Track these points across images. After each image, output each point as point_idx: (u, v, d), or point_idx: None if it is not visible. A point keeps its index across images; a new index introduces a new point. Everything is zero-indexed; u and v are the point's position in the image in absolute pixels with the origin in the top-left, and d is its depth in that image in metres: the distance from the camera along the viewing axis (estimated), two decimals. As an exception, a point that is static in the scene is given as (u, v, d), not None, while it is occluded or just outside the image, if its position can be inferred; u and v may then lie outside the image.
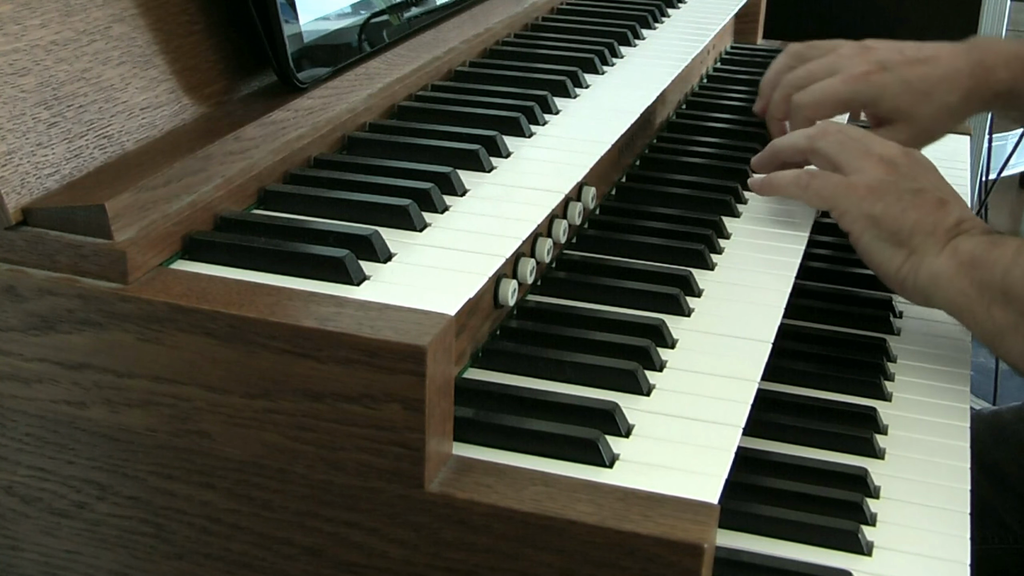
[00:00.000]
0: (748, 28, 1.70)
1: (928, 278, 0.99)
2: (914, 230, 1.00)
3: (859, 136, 1.07)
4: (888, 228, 1.00)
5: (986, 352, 2.71)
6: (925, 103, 1.19)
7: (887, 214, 1.00)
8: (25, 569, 0.81)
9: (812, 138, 1.09)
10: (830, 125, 1.11)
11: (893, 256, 1.01)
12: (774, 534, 0.83)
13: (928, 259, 0.99)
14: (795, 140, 1.11)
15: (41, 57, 0.78)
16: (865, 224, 1.01)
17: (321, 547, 0.73)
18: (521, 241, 0.84)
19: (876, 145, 1.06)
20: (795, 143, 1.11)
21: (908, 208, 1.00)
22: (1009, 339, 0.96)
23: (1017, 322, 0.95)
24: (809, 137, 1.09)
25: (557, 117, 1.08)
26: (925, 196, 1.01)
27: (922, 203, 1.01)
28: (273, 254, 0.77)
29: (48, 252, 0.73)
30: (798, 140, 1.11)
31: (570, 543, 0.67)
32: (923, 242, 0.99)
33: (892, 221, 1.00)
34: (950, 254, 0.98)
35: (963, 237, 0.99)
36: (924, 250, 0.99)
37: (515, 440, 0.74)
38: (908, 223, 1.00)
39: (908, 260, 1.00)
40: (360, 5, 1.04)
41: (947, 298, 0.99)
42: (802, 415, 0.97)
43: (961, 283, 0.97)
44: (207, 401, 0.72)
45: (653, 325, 0.88)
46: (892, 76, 1.19)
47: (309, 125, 0.94)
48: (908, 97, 1.19)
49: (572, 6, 1.48)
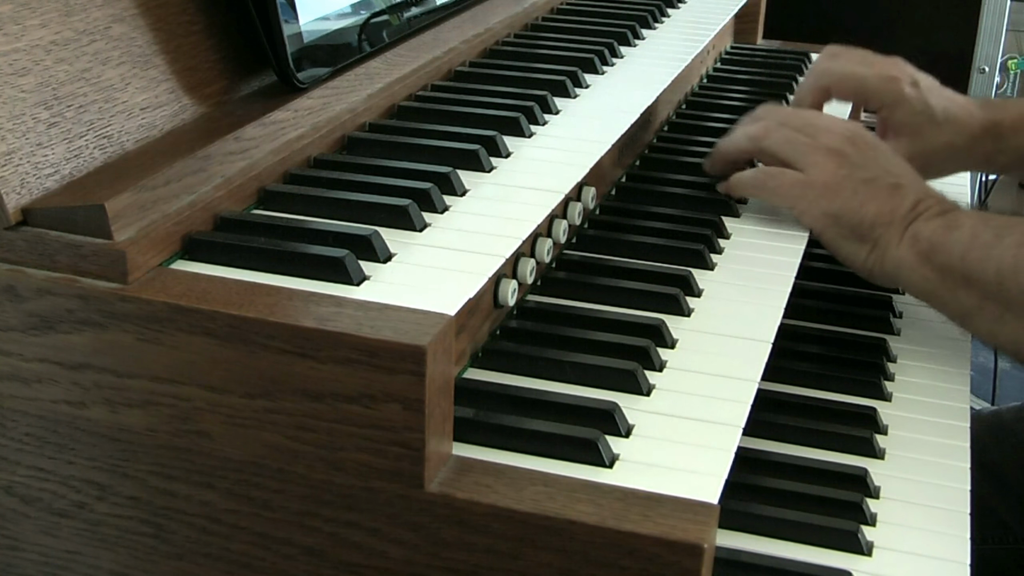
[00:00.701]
0: (748, 28, 1.70)
1: (893, 267, 1.01)
2: (874, 223, 1.01)
3: (802, 126, 1.07)
4: (848, 224, 1.02)
5: (986, 352, 2.71)
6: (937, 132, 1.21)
7: (845, 210, 1.02)
8: (25, 569, 0.81)
9: (755, 138, 1.09)
10: (770, 120, 1.10)
11: (857, 250, 1.03)
12: (774, 534, 0.83)
13: (891, 250, 1.01)
14: (738, 141, 1.11)
15: (41, 57, 0.78)
16: (825, 222, 1.03)
17: (321, 547, 0.73)
18: (521, 241, 0.84)
19: (822, 135, 1.06)
20: (738, 144, 1.11)
21: (865, 201, 1.02)
22: (976, 319, 0.98)
23: (981, 303, 0.97)
24: (752, 138, 1.09)
25: (557, 117, 1.08)
26: (879, 184, 1.03)
27: (877, 192, 1.02)
28: (273, 254, 0.77)
29: (48, 252, 0.73)
30: (741, 141, 1.11)
31: (570, 543, 0.67)
32: (883, 234, 1.01)
33: (851, 216, 1.02)
34: (910, 242, 1.00)
35: (920, 222, 1.00)
36: (885, 241, 1.01)
37: (515, 440, 0.74)
38: (867, 217, 1.01)
39: (872, 252, 1.02)
40: (360, 5, 1.04)
41: (913, 284, 1.02)
42: (802, 415, 0.97)
43: (923, 270, 0.99)
44: (207, 401, 0.72)
45: (653, 325, 0.88)
46: (920, 93, 1.21)
47: (309, 125, 0.94)
48: (925, 119, 1.21)
49: (572, 6, 1.48)
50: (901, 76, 1.23)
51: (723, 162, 1.13)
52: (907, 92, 1.21)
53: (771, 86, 1.44)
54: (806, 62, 1.57)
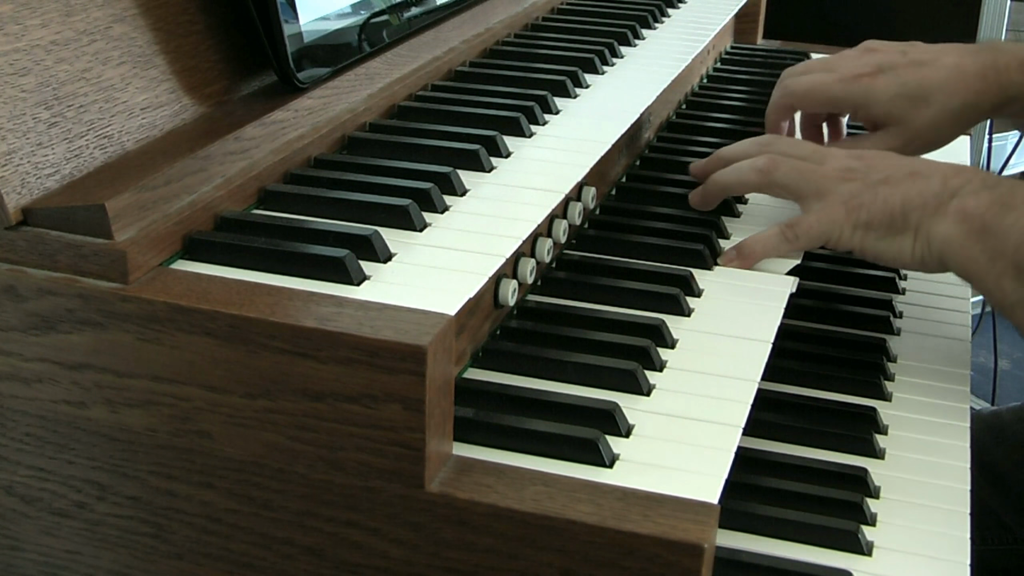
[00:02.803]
0: (748, 28, 1.70)
1: (941, 245, 0.96)
2: (904, 209, 0.97)
3: (808, 154, 1.04)
4: (882, 223, 0.98)
5: (986, 352, 2.71)
6: (922, 108, 1.14)
7: (873, 212, 0.98)
8: (25, 569, 0.81)
9: (764, 172, 1.03)
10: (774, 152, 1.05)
11: (902, 244, 0.98)
12: (774, 534, 0.83)
13: (935, 228, 0.96)
14: (746, 177, 1.05)
15: (41, 57, 0.78)
16: (861, 235, 0.99)
17: (321, 547, 0.73)
18: (521, 241, 0.84)
19: (828, 159, 1.03)
20: (746, 180, 1.05)
21: (888, 196, 0.98)
22: (1020, 312, 0.94)
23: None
24: (760, 171, 1.03)
25: (557, 117, 1.08)
26: (894, 178, 0.99)
27: (896, 185, 0.98)
28: (273, 254, 0.77)
29: (48, 252, 0.73)
30: (749, 177, 1.04)
31: (570, 543, 0.67)
32: (921, 216, 0.97)
33: (881, 214, 0.98)
34: (956, 218, 0.95)
35: (966, 197, 0.96)
36: (927, 224, 0.97)
37: (515, 440, 0.74)
38: (895, 207, 0.98)
39: (916, 240, 0.97)
40: (360, 5, 1.04)
41: (958, 263, 0.96)
42: (802, 415, 0.97)
43: (971, 250, 0.95)
44: (207, 401, 0.72)
45: (653, 325, 0.88)
46: (888, 79, 1.15)
47: (309, 125, 0.94)
48: (902, 102, 1.14)
49: (572, 6, 1.48)
50: (864, 70, 1.16)
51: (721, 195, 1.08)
52: (875, 84, 1.15)
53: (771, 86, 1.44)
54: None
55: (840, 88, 1.16)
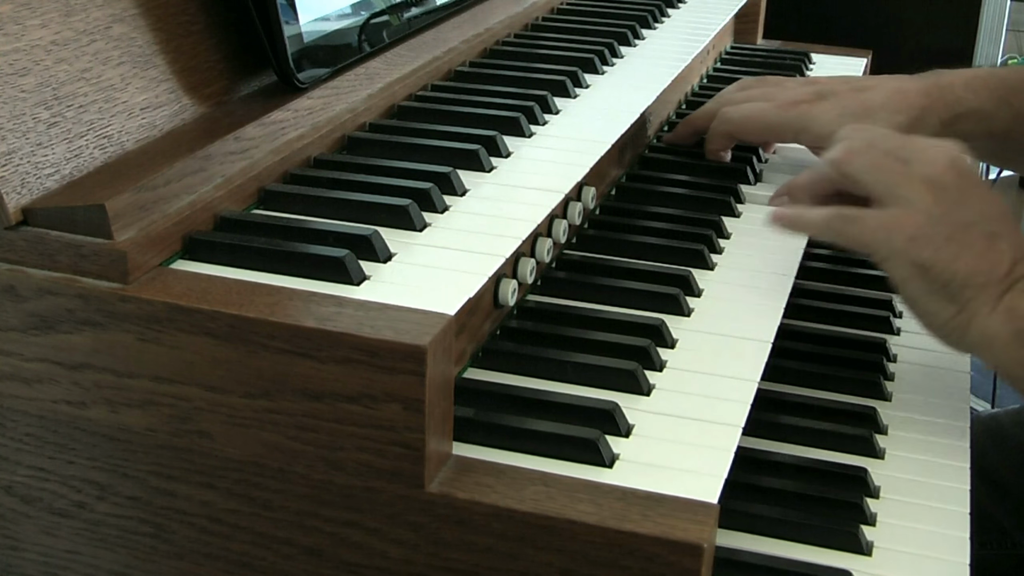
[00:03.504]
0: (748, 28, 1.70)
1: (979, 338, 0.89)
2: (966, 282, 0.88)
3: (894, 149, 0.93)
4: (938, 279, 0.88)
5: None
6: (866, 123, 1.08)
7: (936, 261, 0.88)
8: (25, 569, 0.81)
9: (838, 163, 0.94)
10: (855, 140, 0.95)
11: (941, 309, 0.89)
12: (774, 534, 0.83)
13: (980, 318, 0.88)
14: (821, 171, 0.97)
15: (41, 57, 0.78)
16: (912, 272, 0.89)
17: (321, 547, 0.73)
18: (521, 241, 0.84)
19: (918, 162, 0.91)
20: (822, 174, 0.97)
21: (960, 252, 0.88)
22: None
23: None
24: (835, 162, 0.95)
25: (557, 117, 1.08)
26: (975, 232, 0.89)
27: (973, 243, 0.88)
28: (273, 254, 0.77)
29: (48, 252, 0.73)
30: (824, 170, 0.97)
31: (570, 543, 0.67)
32: (975, 296, 0.88)
33: (942, 270, 0.88)
34: (1006, 315, 0.87)
35: (1017, 293, 0.88)
36: (976, 307, 0.88)
37: (515, 440, 0.74)
38: (960, 274, 0.88)
39: (958, 316, 0.89)
40: (360, 5, 1.04)
41: (999, 362, 0.89)
42: (802, 415, 0.97)
43: (1017, 352, 0.87)
44: (207, 401, 0.72)
45: (653, 325, 0.88)
46: (829, 104, 1.11)
47: (309, 125, 0.94)
48: (845, 121, 1.07)
49: (572, 6, 1.48)
50: (803, 97, 1.13)
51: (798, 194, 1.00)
52: (813, 109, 1.11)
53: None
54: (806, 62, 1.57)
55: (776, 115, 1.14)
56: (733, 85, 1.23)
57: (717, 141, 1.18)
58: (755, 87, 1.20)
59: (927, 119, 1.11)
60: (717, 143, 1.18)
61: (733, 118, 1.16)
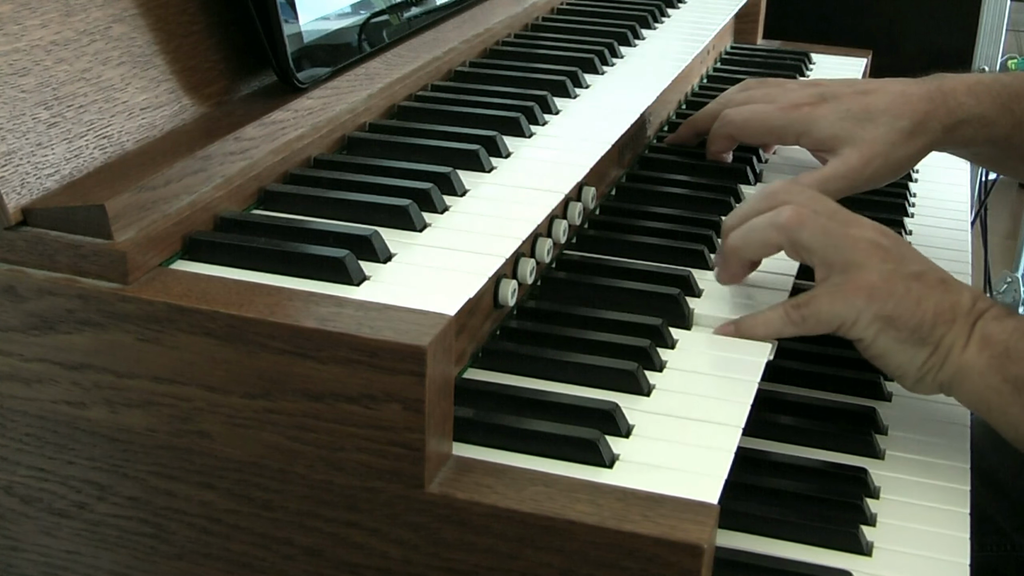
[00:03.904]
0: (748, 28, 1.70)
1: (954, 372, 0.88)
2: (936, 321, 0.88)
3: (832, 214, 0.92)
4: (906, 326, 0.88)
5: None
6: (869, 127, 1.09)
7: (900, 310, 0.88)
8: (25, 569, 0.81)
9: (786, 229, 0.91)
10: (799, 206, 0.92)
11: (915, 355, 0.89)
12: (774, 534, 0.83)
13: (955, 351, 0.88)
14: (765, 235, 0.93)
15: (41, 57, 0.78)
16: (879, 327, 0.88)
17: (321, 547, 0.73)
18: (521, 241, 0.84)
19: (856, 227, 0.91)
20: (766, 239, 0.93)
21: (921, 298, 0.88)
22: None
23: None
24: (781, 228, 0.91)
25: (557, 117, 1.08)
26: (929, 279, 0.90)
27: (930, 289, 0.89)
28: (273, 254, 0.77)
29: (48, 252, 0.73)
30: (769, 235, 0.92)
31: (570, 543, 0.67)
32: (946, 333, 0.88)
33: (909, 317, 0.88)
34: (981, 344, 0.87)
35: (989, 321, 0.88)
36: (949, 341, 0.88)
37: (515, 440, 0.74)
38: (928, 314, 0.88)
39: (933, 356, 0.89)
40: (360, 5, 1.04)
41: (974, 392, 0.89)
42: (802, 415, 0.97)
43: (993, 379, 0.87)
44: (207, 401, 0.72)
45: (653, 325, 0.88)
46: (831, 106, 1.11)
47: (309, 125, 0.94)
48: (847, 123, 1.09)
49: (572, 6, 1.48)
50: (806, 100, 1.12)
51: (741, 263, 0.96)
52: (816, 111, 1.11)
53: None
54: (806, 62, 1.57)
55: (779, 117, 1.13)
56: (735, 87, 1.23)
57: (719, 143, 1.18)
58: (757, 89, 1.20)
59: (930, 124, 1.11)
60: (719, 145, 1.18)
61: (735, 120, 1.16)
